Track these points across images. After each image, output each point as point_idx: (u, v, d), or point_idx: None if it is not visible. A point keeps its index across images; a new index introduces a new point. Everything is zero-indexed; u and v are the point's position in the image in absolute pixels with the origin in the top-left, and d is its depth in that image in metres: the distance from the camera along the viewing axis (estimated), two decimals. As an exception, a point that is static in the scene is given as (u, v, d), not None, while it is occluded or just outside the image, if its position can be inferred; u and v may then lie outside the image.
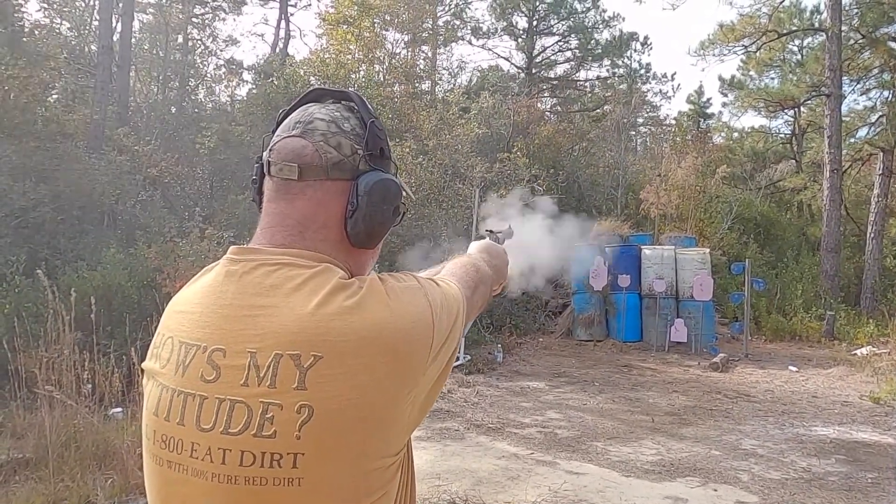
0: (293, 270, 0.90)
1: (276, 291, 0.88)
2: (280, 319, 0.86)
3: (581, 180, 15.32)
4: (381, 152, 0.98)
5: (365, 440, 0.84)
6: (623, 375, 8.46)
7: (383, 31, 17.83)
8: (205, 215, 8.41)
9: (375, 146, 0.97)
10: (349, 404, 0.82)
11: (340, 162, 0.95)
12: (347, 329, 0.84)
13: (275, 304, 0.87)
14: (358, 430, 0.83)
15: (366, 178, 0.95)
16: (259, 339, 0.85)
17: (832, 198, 14.27)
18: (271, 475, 0.82)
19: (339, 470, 0.83)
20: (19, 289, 6.40)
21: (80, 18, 19.26)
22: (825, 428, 6.23)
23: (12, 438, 4.42)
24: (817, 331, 11.39)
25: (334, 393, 0.82)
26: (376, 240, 0.98)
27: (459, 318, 1.01)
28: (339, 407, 0.82)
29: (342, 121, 0.97)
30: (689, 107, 25.47)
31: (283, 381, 0.83)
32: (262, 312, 0.87)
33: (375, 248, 1.01)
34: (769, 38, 16.59)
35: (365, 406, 0.83)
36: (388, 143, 1.01)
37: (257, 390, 0.83)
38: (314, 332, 0.84)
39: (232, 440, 0.83)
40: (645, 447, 5.47)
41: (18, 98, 8.93)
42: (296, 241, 0.94)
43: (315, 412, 0.81)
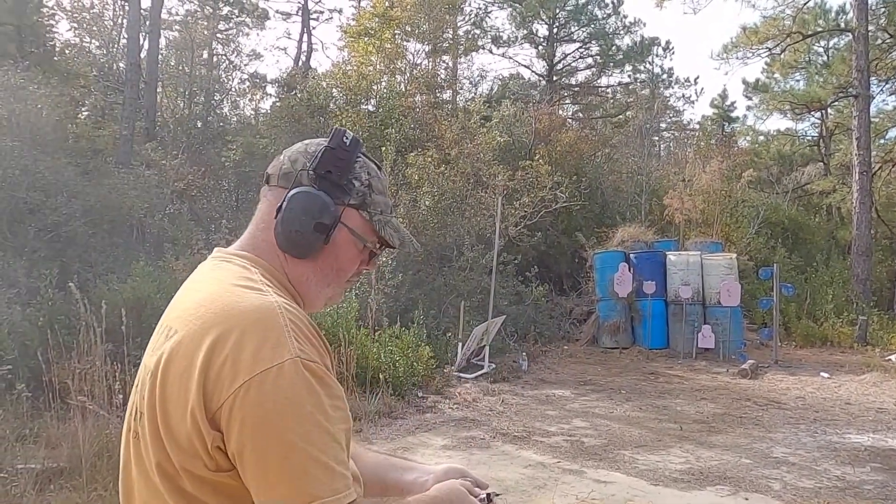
0: (227, 264, 1.07)
1: (207, 277, 1.06)
2: (189, 297, 1.03)
3: (604, 187, 15.22)
4: (327, 174, 1.07)
5: (166, 423, 0.93)
6: (650, 383, 8.37)
7: (404, 42, 17.94)
8: (231, 227, 8.52)
9: (323, 167, 1.08)
10: (171, 382, 0.93)
11: (288, 174, 1.10)
12: (202, 314, 0.96)
13: (199, 287, 1.04)
14: (164, 414, 0.93)
15: (295, 189, 1.07)
16: (175, 312, 1.03)
17: (862, 200, 14.00)
18: (135, 428, 1.00)
19: (154, 435, 0.94)
20: (52, 302, 6.54)
21: (109, 37, 19.72)
22: (859, 435, 6.10)
23: (47, 448, 4.50)
24: (849, 336, 11.16)
25: (168, 366, 0.94)
26: (295, 249, 1.07)
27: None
28: (164, 379, 0.94)
29: (314, 144, 1.12)
30: (712, 111, 25.26)
31: (156, 348, 1.00)
32: (191, 291, 1.05)
33: (309, 261, 1.08)
34: (794, 39, 16.38)
35: (173, 395, 0.93)
36: (349, 174, 1.09)
37: (151, 356, 1.01)
38: (187, 309, 1.00)
39: (136, 400, 1.01)
40: (673, 455, 5.40)
41: (50, 115, 9.16)
42: (247, 241, 1.12)
43: (156, 378, 0.95)
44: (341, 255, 1.11)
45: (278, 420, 0.88)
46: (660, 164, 19.88)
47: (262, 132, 13.17)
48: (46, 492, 3.97)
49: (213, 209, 12.04)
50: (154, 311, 6.71)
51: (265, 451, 0.88)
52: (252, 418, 0.87)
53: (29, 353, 5.59)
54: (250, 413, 0.87)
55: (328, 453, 0.89)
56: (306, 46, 23.82)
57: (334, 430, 0.91)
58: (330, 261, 1.10)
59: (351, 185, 1.10)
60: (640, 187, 15.18)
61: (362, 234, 1.11)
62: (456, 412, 6.68)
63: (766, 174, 19.35)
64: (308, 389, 0.90)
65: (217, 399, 0.89)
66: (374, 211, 1.12)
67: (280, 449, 0.87)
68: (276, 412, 0.88)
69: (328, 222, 1.06)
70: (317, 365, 0.93)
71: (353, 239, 1.11)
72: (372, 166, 1.14)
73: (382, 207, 1.13)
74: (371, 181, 1.12)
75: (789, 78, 19.73)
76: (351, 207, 1.10)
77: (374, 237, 1.13)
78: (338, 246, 1.09)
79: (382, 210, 1.13)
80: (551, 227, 12.59)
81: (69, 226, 8.46)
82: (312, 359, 0.93)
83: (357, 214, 1.11)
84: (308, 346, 0.94)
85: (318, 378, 0.92)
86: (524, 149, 13.93)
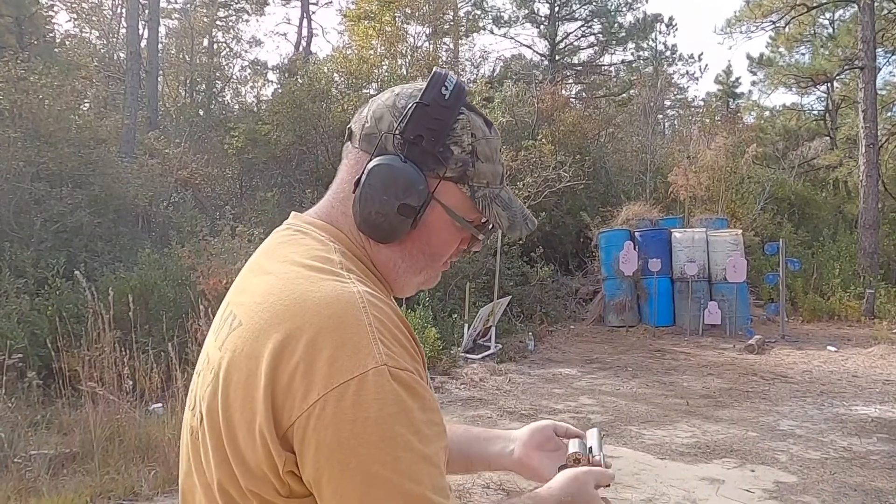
0: (304, 237, 0.90)
1: (279, 254, 0.88)
2: (256, 279, 0.87)
3: (608, 166, 15.16)
4: (418, 139, 0.87)
5: (231, 437, 0.78)
6: (656, 360, 8.39)
7: (405, 25, 17.83)
8: (235, 214, 8.57)
9: (413, 131, 0.87)
10: (234, 389, 0.78)
11: (371, 135, 0.90)
12: (270, 304, 0.80)
13: (269, 267, 0.87)
14: (229, 426, 0.78)
15: (376, 160, 0.88)
16: (241, 296, 0.87)
17: (869, 173, 13.89)
18: (196, 428, 0.84)
19: (217, 448, 0.80)
20: (60, 291, 6.61)
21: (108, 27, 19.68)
22: (866, 407, 6.11)
23: (59, 434, 4.57)
24: (857, 310, 11.12)
25: (231, 370, 0.79)
26: (377, 233, 0.89)
27: None
28: (227, 384, 0.79)
29: (405, 95, 0.91)
30: (717, 87, 25.06)
31: (219, 337, 0.85)
32: (259, 272, 0.88)
33: (395, 245, 0.90)
34: (798, 11, 16.17)
35: (237, 404, 0.78)
36: (446, 138, 0.89)
37: (214, 347, 0.86)
38: (253, 294, 0.84)
39: (197, 395, 0.87)
40: (680, 430, 5.43)
41: (52, 106, 9.18)
42: (325, 210, 0.94)
43: (217, 380, 0.80)
44: (434, 238, 0.91)
45: (360, 446, 0.72)
46: (664, 141, 19.76)
47: (265, 119, 13.15)
48: (60, 476, 4.04)
49: (217, 196, 12.08)
50: (161, 298, 6.78)
51: (345, 481, 0.72)
52: (328, 443, 0.72)
53: (38, 342, 5.67)
54: (327, 436, 0.72)
55: (424, 482, 0.74)
56: (306, 31, 23.72)
57: (430, 452, 0.75)
58: (421, 245, 0.91)
59: (448, 153, 0.89)
60: (645, 165, 15.10)
61: (461, 214, 0.91)
62: (463, 392, 6.73)
63: (772, 150, 19.21)
64: (398, 405, 0.74)
65: (289, 416, 0.74)
66: (477, 185, 0.91)
67: (363, 480, 0.72)
68: (357, 436, 0.72)
69: (416, 204, 0.87)
70: (408, 374, 0.76)
71: (450, 219, 0.90)
72: (479, 124, 0.92)
73: (490, 178, 0.92)
74: (476, 145, 0.90)
75: (794, 51, 19.54)
76: (448, 181, 0.89)
77: (476, 216, 0.92)
78: (430, 228, 0.90)
79: (490, 182, 0.92)
80: (556, 208, 12.55)
81: (74, 216, 8.52)
82: (402, 366, 0.76)
83: (456, 189, 0.90)
84: (397, 349, 0.77)
85: (409, 389, 0.75)
86: (527, 129, 13.87)
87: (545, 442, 1.13)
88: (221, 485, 0.79)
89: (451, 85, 0.90)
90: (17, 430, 4.25)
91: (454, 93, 0.90)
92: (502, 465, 1.12)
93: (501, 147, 0.97)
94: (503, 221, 0.93)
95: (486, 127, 0.93)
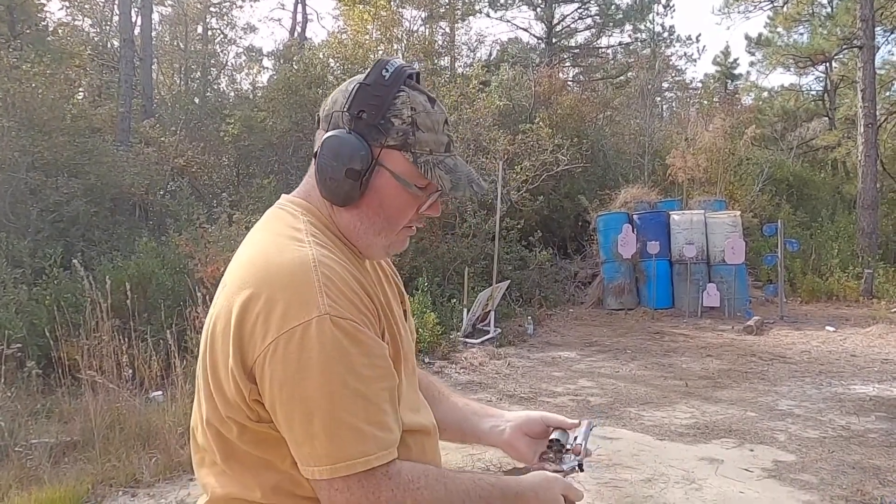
0: (283, 212, 1.07)
1: (263, 227, 1.06)
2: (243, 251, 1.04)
3: (606, 149, 15.10)
4: (361, 113, 1.01)
5: (215, 377, 0.96)
6: (655, 342, 8.41)
7: (400, 10, 17.66)
8: (232, 201, 8.52)
9: (357, 108, 1.01)
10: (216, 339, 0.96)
11: (328, 115, 1.05)
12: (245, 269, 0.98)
13: (253, 239, 1.05)
14: (213, 369, 0.97)
15: (328, 133, 1.03)
16: (232, 264, 1.04)
17: (867, 153, 13.86)
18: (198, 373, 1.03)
19: (206, 389, 0.98)
20: (58, 280, 6.59)
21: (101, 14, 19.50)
22: (864, 386, 6.13)
23: (60, 423, 4.58)
24: (855, 290, 11.15)
25: (216, 323, 0.97)
26: (333, 197, 1.02)
27: None
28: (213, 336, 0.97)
29: (354, 82, 1.05)
30: (715, 68, 24.96)
31: (216, 298, 1.02)
32: (247, 244, 1.05)
33: (353, 208, 1.03)
34: (797, -9, 16.06)
35: (218, 350, 0.96)
36: (384, 111, 1.01)
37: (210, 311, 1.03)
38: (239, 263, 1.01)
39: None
40: (679, 411, 5.45)
41: (46, 95, 9.10)
42: (302, 188, 1.11)
43: (207, 334, 0.99)
44: (387, 201, 1.03)
45: (302, 381, 0.88)
46: (662, 124, 19.69)
47: (261, 105, 13.07)
48: (61, 464, 4.05)
49: (213, 184, 12.01)
50: (159, 287, 6.77)
51: (290, 410, 0.89)
52: (278, 377, 0.89)
53: (37, 332, 5.66)
54: (277, 371, 0.88)
55: (357, 415, 0.89)
56: (301, 17, 23.52)
57: (368, 390, 0.90)
58: (375, 207, 1.03)
59: (389, 125, 1.01)
60: (643, 148, 15.06)
61: (407, 179, 1.02)
62: (462, 376, 6.74)
63: (770, 131, 19.17)
64: (337, 348, 0.88)
65: (251, 355, 0.91)
66: (419, 151, 1.01)
67: (303, 409, 0.88)
68: (299, 372, 0.88)
69: (360, 167, 0.99)
70: (349, 322, 0.90)
71: (399, 184, 1.02)
72: (420, 100, 1.03)
73: (432, 146, 1.02)
74: (415, 117, 1.01)
75: (793, 31, 19.39)
76: (391, 149, 1.01)
77: (422, 181, 1.02)
78: (381, 192, 1.02)
79: (433, 149, 1.02)
80: (553, 191, 12.53)
81: (71, 205, 8.48)
82: (345, 315, 0.90)
83: (400, 156, 1.01)
84: (343, 301, 0.91)
85: (349, 335, 0.90)
86: (524, 113, 13.80)
87: (534, 429, 1.24)
88: (208, 418, 0.98)
89: (391, 68, 1.02)
90: (17, 419, 4.26)
91: (393, 74, 1.02)
92: (491, 441, 1.24)
93: (448, 120, 1.07)
94: (445, 183, 1.02)
95: (427, 103, 1.04)
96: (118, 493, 3.77)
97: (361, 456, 0.88)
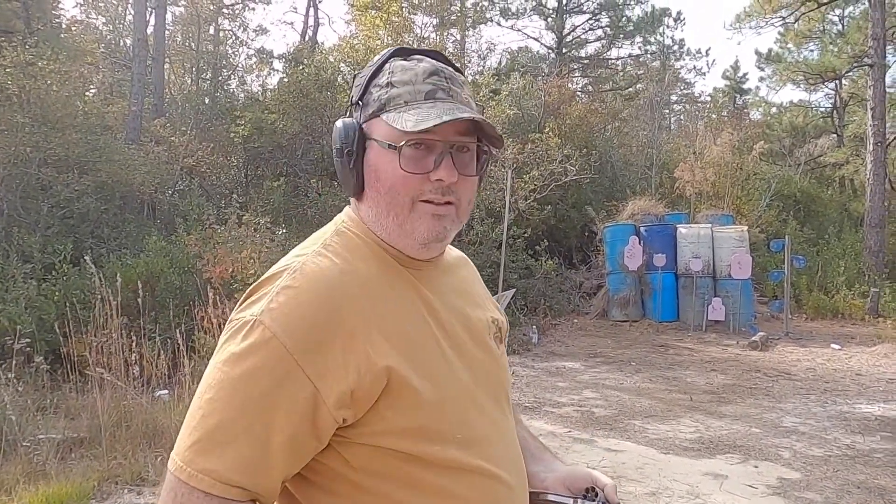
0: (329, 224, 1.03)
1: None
2: None
3: (614, 160, 15.13)
4: (357, 102, 0.97)
5: None
6: (660, 355, 8.40)
7: (412, 16, 17.77)
8: (241, 202, 8.56)
9: (356, 95, 0.97)
10: None
11: (349, 107, 1.00)
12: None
13: None
14: None
15: None
16: None
17: (876, 172, 13.84)
18: None
19: None
20: (67, 277, 6.63)
21: (115, 13, 19.64)
22: (869, 405, 6.11)
23: (67, 419, 4.60)
24: (861, 308, 11.11)
25: None
26: (346, 189, 0.98)
27: None
28: None
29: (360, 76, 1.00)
30: (724, 82, 25.00)
31: None
32: None
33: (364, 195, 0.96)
34: (808, 7, 16.09)
35: None
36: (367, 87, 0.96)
37: None
38: None
39: None
40: (683, 425, 5.44)
41: (59, 92, 9.16)
42: None
43: None
44: (381, 174, 0.93)
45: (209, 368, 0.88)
46: (670, 136, 19.72)
47: (271, 108, 13.13)
48: (68, 460, 4.07)
49: (222, 185, 12.08)
50: (167, 286, 6.80)
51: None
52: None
53: (46, 328, 5.69)
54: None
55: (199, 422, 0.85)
56: (313, 21, 23.62)
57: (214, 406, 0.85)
58: (375, 185, 0.94)
59: (370, 96, 0.95)
60: (651, 160, 15.08)
61: (389, 139, 0.91)
62: (467, 384, 6.74)
63: (779, 146, 19.17)
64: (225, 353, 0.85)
65: None
66: (392, 106, 0.92)
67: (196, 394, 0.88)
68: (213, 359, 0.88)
69: (349, 147, 0.94)
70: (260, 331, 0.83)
71: (385, 149, 0.92)
72: (401, 63, 0.96)
73: (407, 98, 0.92)
74: (392, 78, 0.94)
75: (803, 48, 19.45)
76: (372, 117, 0.94)
77: (401, 137, 0.90)
78: (374, 165, 0.94)
79: (407, 101, 0.92)
80: (561, 201, 12.54)
81: (81, 202, 8.53)
82: (269, 324, 0.83)
83: (381, 122, 0.93)
84: (281, 312, 0.84)
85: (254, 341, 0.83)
86: (534, 122, 13.84)
87: (577, 485, 1.14)
88: None
89: (386, 52, 0.98)
90: (25, 413, 4.28)
91: (384, 54, 0.97)
92: (533, 485, 1.13)
93: (442, 71, 0.96)
94: (408, 123, 0.89)
95: (410, 62, 0.96)
96: (124, 490, 3.78)
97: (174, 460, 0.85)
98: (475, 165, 0.97)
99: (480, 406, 0.98)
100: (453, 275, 1.09)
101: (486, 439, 0.97)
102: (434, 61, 0.98)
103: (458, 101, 0.94)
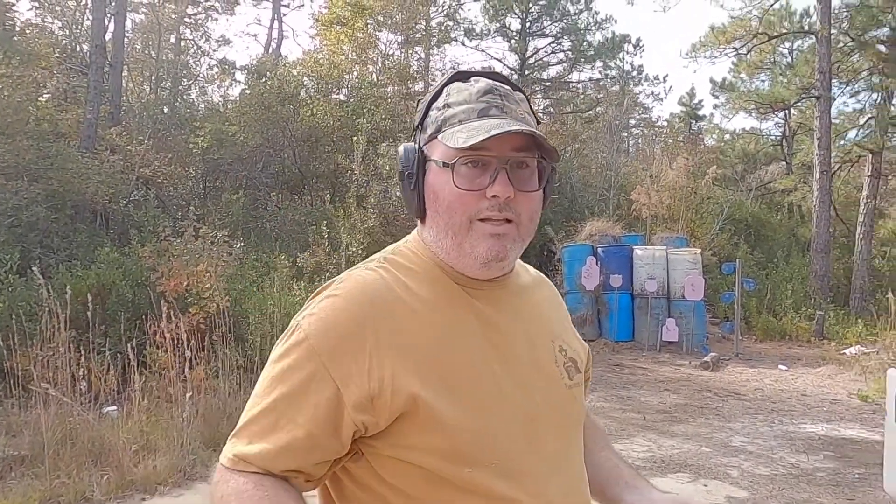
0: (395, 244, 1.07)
1: None
2: None
3: (573, 181, 15.40)
4: (418, 126, 1.00)
5: None
6: (615, 374, 8.52)
7: (377, 32, 17.84)
8: (198, 215, 8.41)
9: (417, 119, 1.00)
10: None
11: (412, 132, 1.03)
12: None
13: None
14: None
15: None
16: None
17: (822, 199, 14.39)
18: None
19: None
20: (13, 287, 6.40)
21: (72, 18, 19.19)
22: (814, 425, 6.31)
23: (7, 436, 4.42)
24: (807, 330, 11.49)
25: None
26: (411, 212, 1.00)
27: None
28: None
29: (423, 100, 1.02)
30: (680, 108, 25.64)
31: None
32: None
33: (427, 218, 0.98)
34: (760, 40, 16.71)
35: None
36: (427, 111, 0.99)
37: None
38: None
39: None
40: (636, 444, 5.53)
41: (11, 97, 8.91)
42: None
43: None
44: (439, 194, 0.93)
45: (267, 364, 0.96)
46: (628, 159, 20.17)
47: (231, 119, 12.99)
48: (7, 479, 3.92)
49: (179, 196, 11.85)
50: (119, 299, 6.62)
51: None
52: None
53: (-12, 340, 5.47)
54: None
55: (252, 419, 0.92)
56: (277, 34, 23.54)
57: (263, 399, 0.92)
58: (434, 205, 0.95)
59: (428, 118, 0.98)
60: (609, 182, 15.38)
61: (443, 158, 0.93)
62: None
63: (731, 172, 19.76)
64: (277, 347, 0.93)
65: None
66: (447, 126, 0.94)
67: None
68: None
69: (409, 168, 0.96)
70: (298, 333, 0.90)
71: (441, 169, 0.93)
72: (458, 85, 0.98)
73: (462, 117, 0.93)
74: (449, 100, 0.96)
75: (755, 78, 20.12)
76: (431, 139, 0.96)
77: (455, 155, 0.92)
78: (433, 186, 0.95)
79: (462, 119, 0.93)
80: (521, 220, 12.66)
81: (30, 210, 8.27)
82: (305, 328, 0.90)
83: (438, 142, 0.95)
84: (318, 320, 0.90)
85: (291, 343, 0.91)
86: (495, 142, 13.97)
87: None
88: None
89: (448, 76, 1.00)
90: (-37, 430, 4.10)
91: (444, 78, 1.00)
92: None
93: (497, 89, 0.96)
94: (459, 140, 0.90)
95: (469, 84, 0.98)
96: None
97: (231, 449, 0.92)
98: (536, 181, 0.96)
99: (534, 436, 0.95)
100: (525, 297, 1.06)
101: (533, 472, 0.93)
102: (490, 80, 0.99)
103: (513, 116, 0.94)
